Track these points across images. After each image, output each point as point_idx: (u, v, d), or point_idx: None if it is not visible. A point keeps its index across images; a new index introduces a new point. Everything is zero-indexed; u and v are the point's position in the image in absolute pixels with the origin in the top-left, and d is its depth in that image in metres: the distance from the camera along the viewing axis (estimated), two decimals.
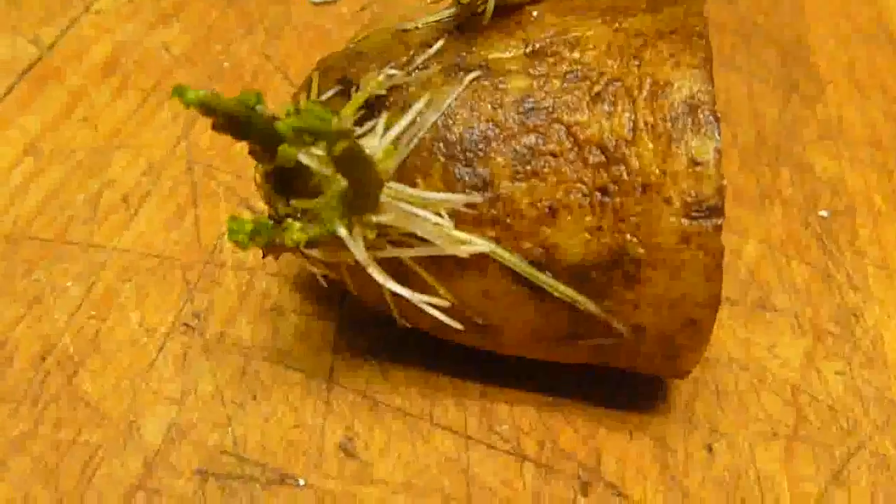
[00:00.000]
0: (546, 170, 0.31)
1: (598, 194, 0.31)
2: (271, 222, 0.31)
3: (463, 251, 0.31)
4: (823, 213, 0.46)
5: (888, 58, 0.57)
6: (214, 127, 0.29)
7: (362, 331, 0.39)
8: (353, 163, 0.28)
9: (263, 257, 0.33)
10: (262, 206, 0.43)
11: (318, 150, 0.30)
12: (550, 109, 0.32)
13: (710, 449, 0.36)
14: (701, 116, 0.31)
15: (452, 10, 0.35)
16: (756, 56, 0.56)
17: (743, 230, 0.45)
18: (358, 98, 0.32)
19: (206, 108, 0.28)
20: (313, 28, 0.55)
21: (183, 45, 0.53)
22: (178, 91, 0.27)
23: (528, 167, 0.31)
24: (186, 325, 0.38)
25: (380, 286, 0.32)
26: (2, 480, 0.33)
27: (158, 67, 0.51)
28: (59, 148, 0.46)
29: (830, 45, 0.58)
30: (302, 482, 0.34)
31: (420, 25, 0.35)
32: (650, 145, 0.31)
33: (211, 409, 0.36)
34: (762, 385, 0.39)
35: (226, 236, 0.41)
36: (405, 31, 0.35)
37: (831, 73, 0.56)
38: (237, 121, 0.28)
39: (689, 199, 0.30)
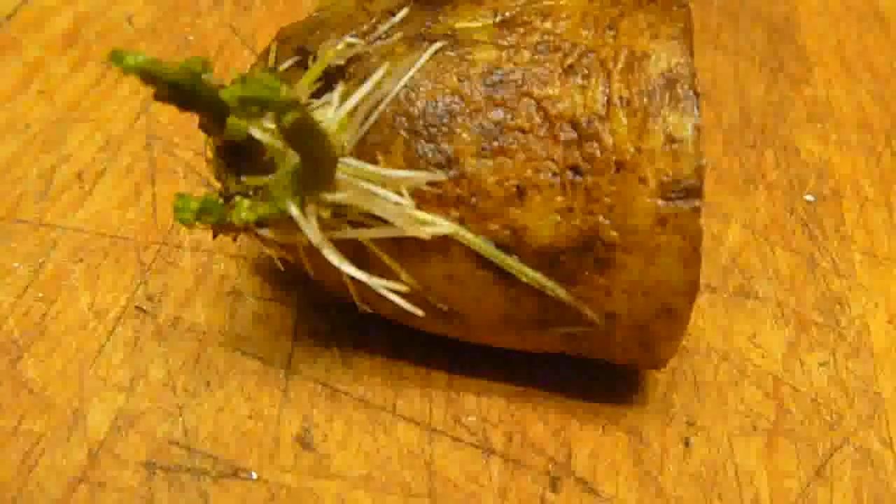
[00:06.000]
0: (514, 147, 0.29)
1: (569, 173, 0.29)
2: (221, 200, 0.30)
3: (425, 233, 0.29)
4: (809, 197, 0.45)
5: (877, 38, 0.55)
6: (156, 96, 0.27)
7: (324, 316, 0.37)
8: (305, 135, 0.26)
9: (213, 237, 0.31)
10: None
11: (270, 124, 0.28)
12: (519, 82, 0.30)
13: (687, 443, 0.35)
14: (679, 91, 0.29)
15: None
16: (742, 34, 0.54)
17: (725, 214, 0.43)
18: (315, 68, 0.30)
19: (147, 75, 0.26)
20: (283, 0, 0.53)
21: (147, 16, 0.51)
22: (116, 57, 0.25)
23: (495, 144, 0.29)
24: (139, 308, 0.37)
25: (339, 269, 0.30)
26: None
27: (121, 39, 0.49)
28: (14, 122, 0.44)
29: (819, 24, 0.56)
30: (255, 475, 0.32)
31: None
32: (625, 121, 0.29)
33: (161, 398, 0.34)
34: (742, 376, 0.37)
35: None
36: None
37: (819, 52, 0.54)
38: (181, 89, 0.26)
39: (665, 179, 0.29)
